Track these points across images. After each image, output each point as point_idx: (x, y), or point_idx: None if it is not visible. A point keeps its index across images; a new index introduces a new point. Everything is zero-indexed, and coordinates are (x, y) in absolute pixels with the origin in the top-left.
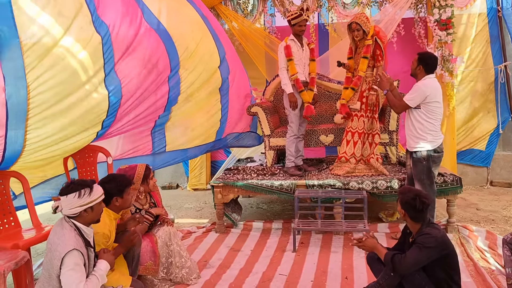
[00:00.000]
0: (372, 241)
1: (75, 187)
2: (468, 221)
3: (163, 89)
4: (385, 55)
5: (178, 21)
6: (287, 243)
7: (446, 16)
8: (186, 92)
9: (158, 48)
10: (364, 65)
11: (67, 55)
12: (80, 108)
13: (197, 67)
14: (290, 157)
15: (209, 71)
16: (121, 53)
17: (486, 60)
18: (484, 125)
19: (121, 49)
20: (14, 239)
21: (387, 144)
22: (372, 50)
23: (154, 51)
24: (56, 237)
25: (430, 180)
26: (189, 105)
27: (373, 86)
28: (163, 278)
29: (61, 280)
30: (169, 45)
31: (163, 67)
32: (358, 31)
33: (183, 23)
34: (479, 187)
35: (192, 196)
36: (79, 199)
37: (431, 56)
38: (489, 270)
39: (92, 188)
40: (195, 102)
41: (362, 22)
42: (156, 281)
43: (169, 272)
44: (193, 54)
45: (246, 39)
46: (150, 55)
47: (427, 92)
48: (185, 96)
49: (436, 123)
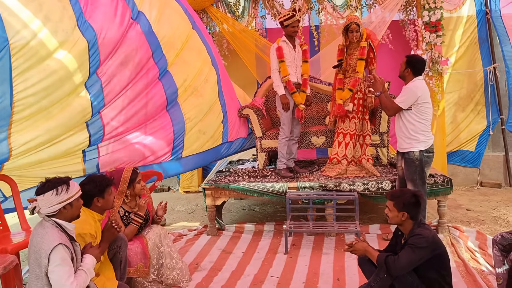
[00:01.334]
0: (363, 245)
1: (51, 185)
2: (458, 222)
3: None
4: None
5: (165, 18)
6: (279, 245)
7: (436, 18)
8: (184, 85)
9: (142, 46)
10: (361, 67)
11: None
12: (64, 111)
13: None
14: (282, 159)
15: (205, 64)
16: (106, 56)
17: (475, 62)
18: (473, 126)
19: (106, 52)
20: (2, 243)
21: (378, 145)
22: (366, 52)
23: (139, 50)
24: (38, 237)
25: (422, 180)
26: (197, 100)
27: (370, 88)
28: (154, 280)
29: (50, 276)
30: (153, 43)
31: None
32: (357, 32)
33: (170, 20)
34: (469, 187)
35: (184, 199)
36: (56, 196)
37: (419, 59)
38: (480, 270)
39: (68, 184)
40: (201, 95)
41: (359, 23)
42: (147, 283)
43: (160, 274)
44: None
45: (237, 41)
46: (134, 54)
47: (418, 93)
48: (186, 90)
49: (427, 123)
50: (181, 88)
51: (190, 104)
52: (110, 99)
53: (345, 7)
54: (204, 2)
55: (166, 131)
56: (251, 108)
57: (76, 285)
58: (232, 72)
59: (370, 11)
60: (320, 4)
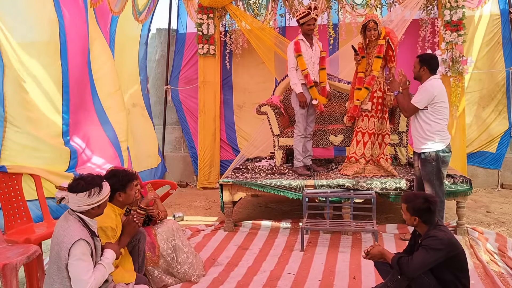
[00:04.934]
0: (378, 249)
1: (85, 185)
2: (478, 223)
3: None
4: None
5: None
6: (295, 242)
7: (457, 17)
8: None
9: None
10: (378, 64)
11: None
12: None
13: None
14: (299, 157)
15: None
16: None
17: (498, 62)
18: (495, 127)
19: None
20: (26, 233)
21: (397, 145)
22: (384, 50)
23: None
24: (61, 230)
25: (439, 180)
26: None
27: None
28: (166, 270)
29: (69, 270)
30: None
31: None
32: (374, 31)
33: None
34: (489, 189)
35: (201, 195)
36: (88, 198)
37: (432, 56)
38: (499, 272)
39: (101, 187)
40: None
41: (378, 21)
42: (157, 272)
43: (171, 267)
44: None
45: (256, 39)
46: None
47: (435, 93)
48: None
49: (443, 123)
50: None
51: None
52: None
53: (364, 5)
54: (224, 0)
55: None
56: (269, 106)
57: (94, 279)
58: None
59: (390, 10)
60: (339, 3)
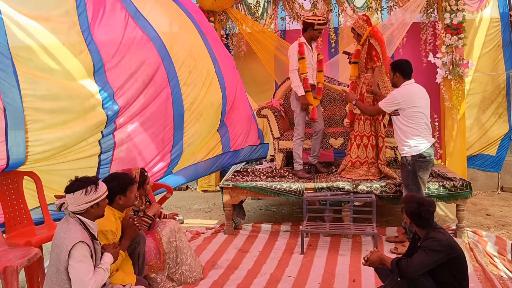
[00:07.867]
0: (378, 254)
1: (81, 184)
2: (478, 226)
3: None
4: (383, 55)
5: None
6: (295, 245)
7: (457, 21)
8: (191, 109)
9: (155, 61)
10: (354, 70)
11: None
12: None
13: (196, 82)
14: (298, 160)
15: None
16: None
17: (498, 65)
18: (495, 130)
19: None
20: (27, 236)
21: (396, 148)
22: (365, 53)
23: (151, 65)
24: (62, 232)
25: (416, 185)
26: (200, 126)
27: (368, 89)
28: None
29: (70, 271)
30: (166, 58)
31: (162, 85)
32: (357, 36)
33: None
34: (489, 192)
35: (202, 198)
36: (86, 195)
37: (402, 61)
38: (498, 276)
39: (97, 184)
40: (205, 121)
41: (356, 26)
42: (159, 279)
43: (168, 267)
44: (193, 69)
45: (257, 42)
46: (149, 71)
47: (399, 100)
48: (192, 113)
49: (418, 128)
50: (187, 112)
51: (193, 130)
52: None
53: (365, 8)
54: (225, 4)
55: (164, 157)
56: (270, 109)
57: (95, 281)
58: (250, 73)
59: (391, 13)
60: (340, 6)
